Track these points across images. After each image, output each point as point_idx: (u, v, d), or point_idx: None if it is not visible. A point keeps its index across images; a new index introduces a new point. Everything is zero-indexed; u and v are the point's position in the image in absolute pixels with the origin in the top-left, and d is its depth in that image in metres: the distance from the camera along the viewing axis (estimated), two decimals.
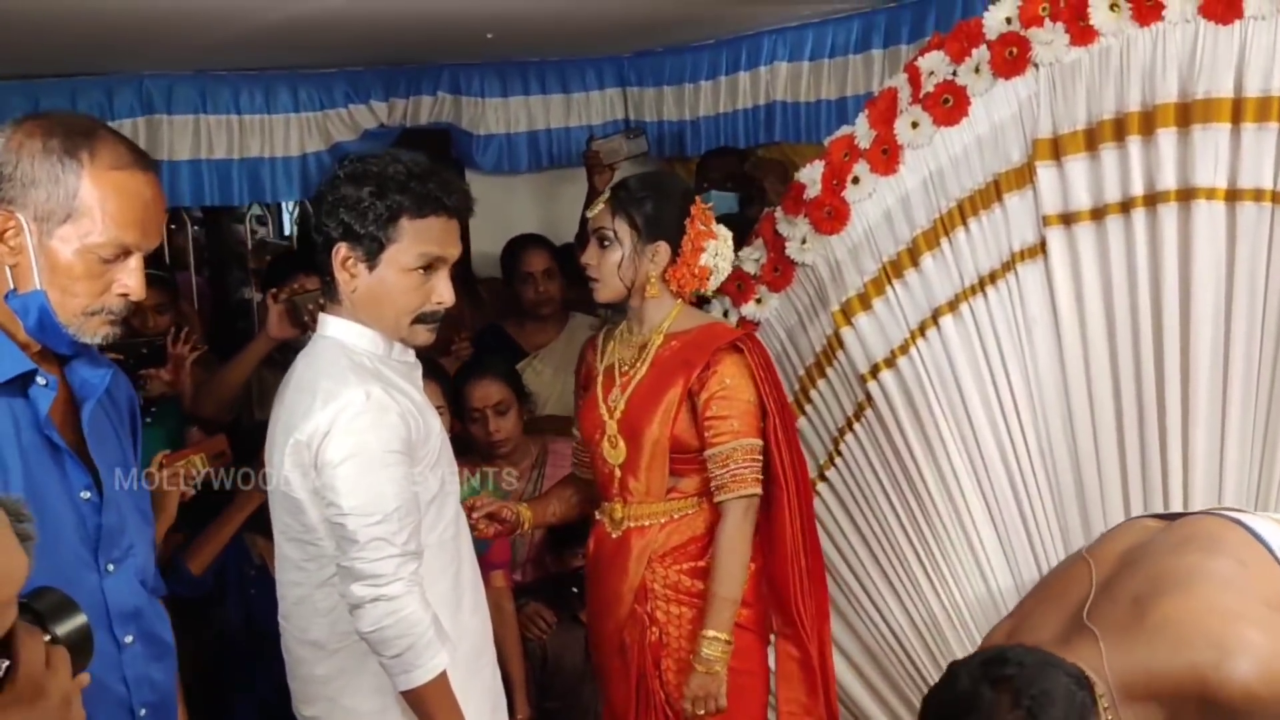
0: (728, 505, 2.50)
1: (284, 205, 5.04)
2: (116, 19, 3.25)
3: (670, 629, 2.53)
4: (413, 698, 2.03)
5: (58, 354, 1.73)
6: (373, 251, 2.07)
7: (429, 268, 2.09)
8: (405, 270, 2.08)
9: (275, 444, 2.12)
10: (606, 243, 2.52)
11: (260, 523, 2.72)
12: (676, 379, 2.51)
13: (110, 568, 1.73)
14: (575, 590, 3.30)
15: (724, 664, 2.47)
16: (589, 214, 2.58)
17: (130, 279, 1.70)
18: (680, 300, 2.60)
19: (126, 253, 1.69)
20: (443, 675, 2.02)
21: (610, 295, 2.55)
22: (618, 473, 2.55)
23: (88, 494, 1.72)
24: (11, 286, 1.66)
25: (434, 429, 2.14)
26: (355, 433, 1.99)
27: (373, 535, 1.98)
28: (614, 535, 2.56)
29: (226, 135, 4.20)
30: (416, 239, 2.07)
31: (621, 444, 2.53)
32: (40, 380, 1.68)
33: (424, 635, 1.99)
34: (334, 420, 2.00)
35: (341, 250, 2.08)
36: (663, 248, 2.53)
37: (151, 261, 1.91)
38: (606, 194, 2.57)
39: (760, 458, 2.52)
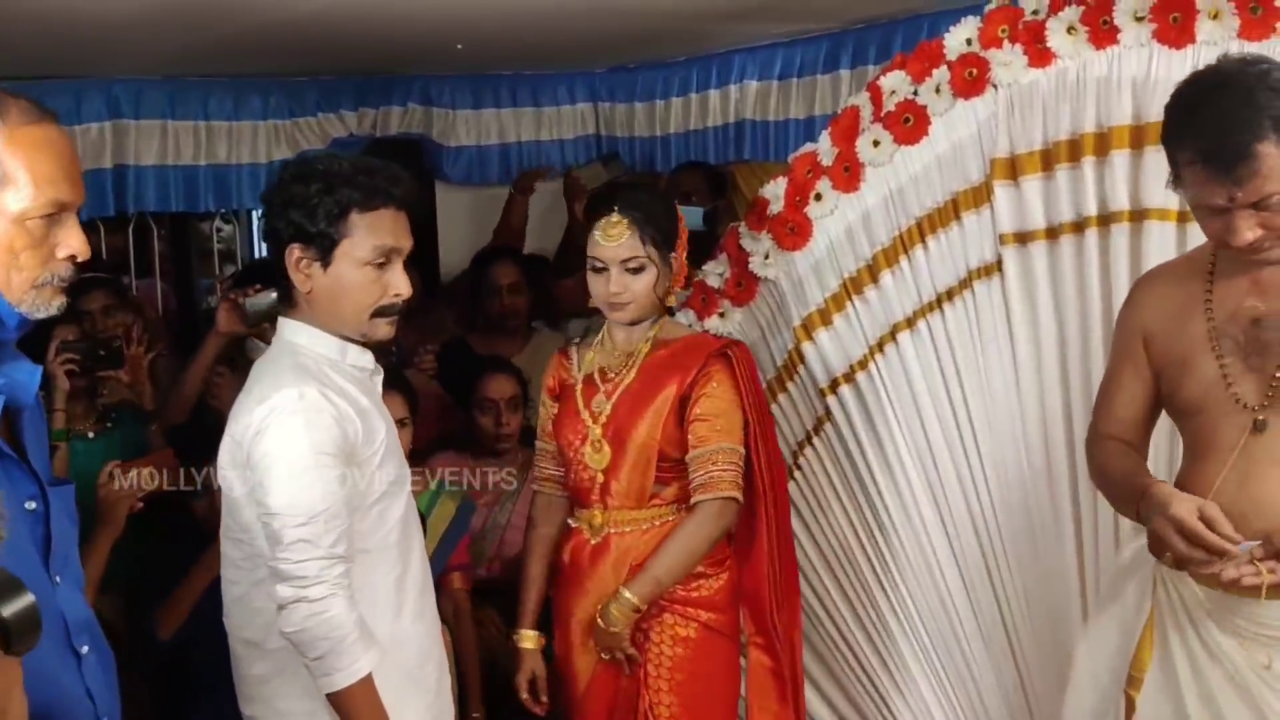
0: (702, 505, 2.49)
1: (254, 213, 5.03)
2: (86, 23, 3.24)
3: (652, 634, 2.52)
4: (335, 701, 2.01)
5: None
6: (325, 249, 2.06)
7: (384, 261, 2.09)
8: (360, 265, 2.07)
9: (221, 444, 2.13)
10: (637, 269, 2.48)
11: None
12: (669, 383, 2.51)
13: (58, 579, 1.67)
14: None
15: (624, 626, 2.47)
16: (608, 242, 2.48)
17: (72, 239, 1.61)
18: (663, 309, 2.60)
19: (60, 211, 1.60)
20: (366, 680, 2.01)
21: (640, 314, 2.53)
22: (600, 478, 2.53)
23: (33, 504, 1.63)
24: None
25: (378, 433, 2.12)
26: (285, 432, 2.00)
27: (297, 536, 1.98)
28: (593, 541, 2.55)
29: (194, 141, 4.19)
30: (369, 232, 2.07)
31: (606, 448, 2.52)
32: None
33: (346, 638, 1.98)
34: (266, 419, 2.01)
35: (294, 251, 2.07)
36: (674, 258, 2.55)
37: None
38: (619, 219, 2.47)
39: (742, 464, 2.52)
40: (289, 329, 2.14)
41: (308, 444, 2.00)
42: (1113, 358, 2.18)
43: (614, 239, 2.48)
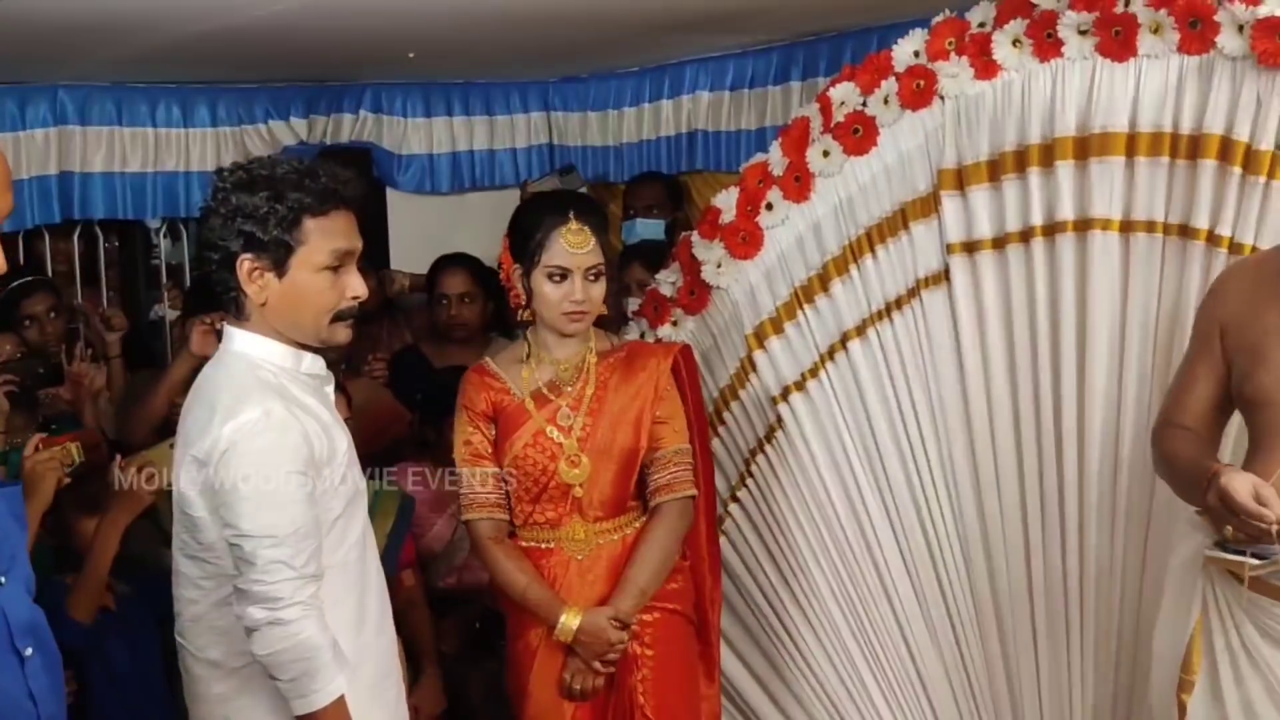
0: (668, 505, 2.50)
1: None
2: (33, 27, 3.20)
3: (645, 636, 2.51)
4: None
5: None
6: (281, 258, 2.02)
7: (339, 264, 2.06)
8: (317, 270, 2.04)
9: (177, 459, 2.07)
10: (595, 276, 2.47)
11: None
12: (640, 390, 2.51)
13: (2, 580, 1.66)
14: (478, 625, 3.30)
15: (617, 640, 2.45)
16: (575, 250, 2.44)
17: None
18: None
19: None
20: (340, 700, 1.99)
21: (589, 326, 2.53)
22: (578, 491, 2.48)
23: None
24: None
25: (340, 448, 2.10)
26: (255, 452, 1.95)
27: (271, 558, 1.94)
28: (579, 557, 2.51)
29: (142, 148, 4.14)
30: (324, 236, 2.04)
31: (585, 461, 2.48)
32: None
33: (320, 659, 1.96)
34: (233, 439, 1.96)
35: (246, 263, 2.02)
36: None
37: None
38: (584, 227, 2.46)
39: (692, 461, 2.55)
40: (239, 340, 2.08)
41: (277, 463, 1.96)
42: (1190, 349, 2.19)
43: (581, 246, 2.45)
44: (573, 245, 2.45)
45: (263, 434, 1.96)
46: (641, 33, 3.80)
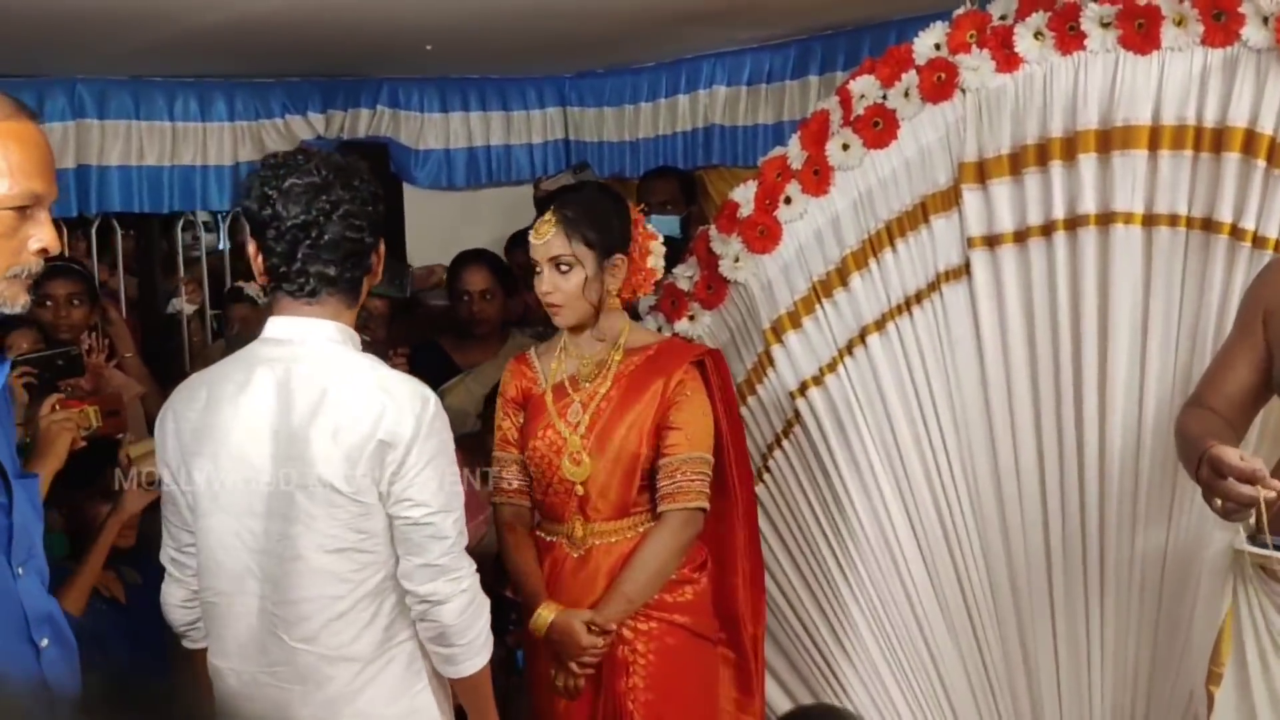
0: (670, 515, 2.45)
1: (219, 215, 4.98)
2: (48, 19, 3.21)
3: (639, 645, 2.48)
4: (470, 683, 2.09)
5: None
6: None
7: None
8: None
9: (315, 453, 1.98)
10: (566, 268, 2.42)
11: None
12: (650, 392, 2.46)
13: (20, 570, 1.65)
14: None
15: (591, 645, 2.42)
16: (536, 240, 2.44)
17: (44, 232, 1.63)
18: (626, 313, 2.57)
19: (34, 204, 1.62)
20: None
21: (576, 319, 2.47)
22: (580, 490, 2.46)
23: None
24: None
25: None
26: (439, 430, 2.04)
27: (458, 530, 2.05)
28: (574, 555, 2.49)
29: (159, 142, 4.15)
30: None
31: (586, 460, 2.45)
32: None
33: (488, 621, 2.09)
34: (422, 418, 2.00)
35: (380, 246, 2.10)
36: (620, 260, 2.46)
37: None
38: (551, 218, 2.45)
39: (710, 473, 2.49)
40: (339, 329, 2.04)
41: (449, 440, 2.07)
42: (1232, 333, 2.18)
43: (540, 236, 2.44)
44: (535, 236, 2.45)
45: (439, 413, 2.05)
46: (658, 27, 3.79)
